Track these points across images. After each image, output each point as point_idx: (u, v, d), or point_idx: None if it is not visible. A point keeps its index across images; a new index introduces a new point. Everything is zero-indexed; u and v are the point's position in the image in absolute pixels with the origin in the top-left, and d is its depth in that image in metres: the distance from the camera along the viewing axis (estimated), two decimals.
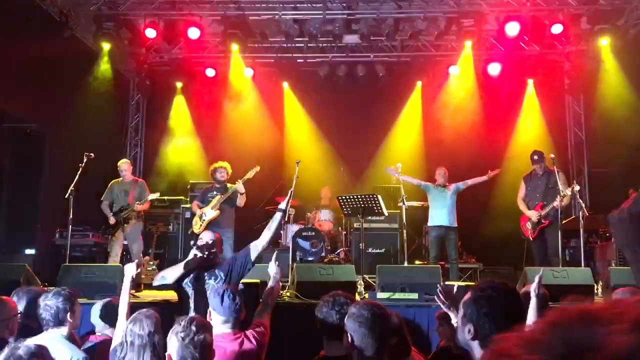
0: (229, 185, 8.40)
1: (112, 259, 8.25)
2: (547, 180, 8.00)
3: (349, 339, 2.62)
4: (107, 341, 3.91)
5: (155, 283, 4.81)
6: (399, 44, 11.39)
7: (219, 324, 3.42)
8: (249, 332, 3.59)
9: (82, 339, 4.18)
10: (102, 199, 8.48)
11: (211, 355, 2.86)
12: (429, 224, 8.70)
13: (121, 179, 8.55)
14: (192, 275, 4.48)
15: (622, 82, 10.25)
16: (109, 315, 4.13)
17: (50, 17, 9.87)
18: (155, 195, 8.60)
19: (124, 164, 8.59)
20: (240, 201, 8.32)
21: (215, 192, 8.44)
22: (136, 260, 4.97)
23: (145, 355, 3.02)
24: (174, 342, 2.77)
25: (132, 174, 8.71)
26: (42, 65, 9.70)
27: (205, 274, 4.49)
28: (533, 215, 8.08)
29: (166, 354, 2.79)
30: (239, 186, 8.11)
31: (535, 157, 8.22)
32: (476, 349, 2.04)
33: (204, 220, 8.20)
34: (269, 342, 3.84)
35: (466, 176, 10.06)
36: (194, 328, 2.75)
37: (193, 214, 8.59)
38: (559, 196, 7.57)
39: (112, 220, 8.30)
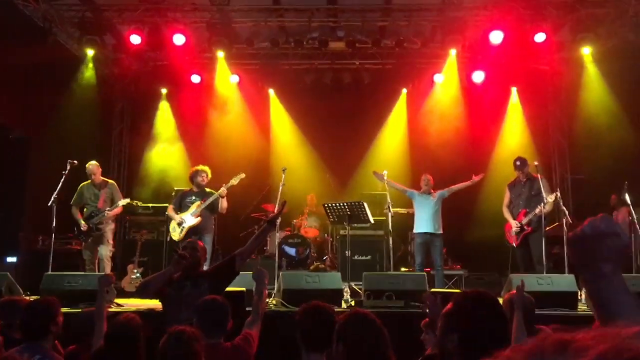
0: (207, 190, 8.21)
1: (88, 267, 8.06)
2: (530, 186, 8.07)
3: (340, 348, 2.61)
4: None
5: (138, 291, 4.79)
6: (384, 51, 11.44)
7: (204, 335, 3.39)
8: (236, 343, 3.57)
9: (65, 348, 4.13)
10: (71, 203, 8.20)
11: None
12: (415, 230, 8.72)
13: (90, 181, 8.27)
14: (175, 284, 4.44)
15: (604, 90, 10.40)
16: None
17: (33, 23, 9.79)
18: (125, 201, 8.42)
19: (93, 166, 8.27)
20: (222, 206, 8.11)
21: (194, 197, 8.18)
22: (107, 273, 4.94)
23: None
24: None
25: (101, 175, 8.42)
26: (25, 71, 9.62)
27: (189, 282, 4.45)
28: (514, 225, 8.16)
29: None
30: (222, 190, 7.94)
31: (518, 163, 8.29)
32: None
33: (183, 228, 7.98)
34: (256, 352, 3.83)
35: (451, 183, 10.11)
36: (173, 341, 2.72)
37: (170, 219, 8.33)
38: (542, 203, 7.63)
39: (84, 227, 8.06)
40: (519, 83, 11.78)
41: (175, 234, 8.04)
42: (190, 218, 7.96)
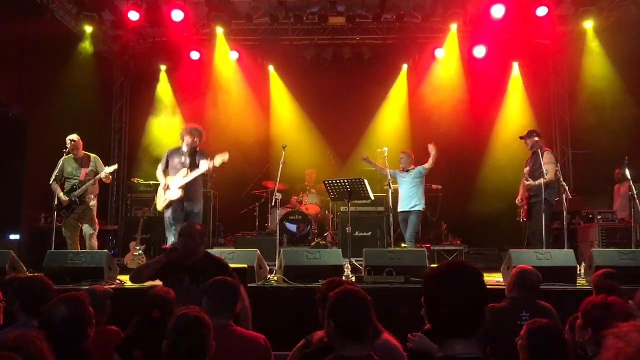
0: (199, 150, 7.23)
1: (70, 245, 7.58)
2: (535, 160, 7.96)
3: (332, 324, 2.64)
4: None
5: (131, 278, 4.67)
6: (384, 25, 11.34)
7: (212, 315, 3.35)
8: (250, 334, 3.49)
9: None
10: (52, 177, 7.64)
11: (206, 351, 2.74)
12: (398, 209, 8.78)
13: (70, 155, 7.81)
14: (173, 274, 4.41)
15: (606, 64, 10.33)
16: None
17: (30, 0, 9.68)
18: (111, 168, 7.82)
19: (75, 141, 7.76)
20: (209, 171, 7.15)
21: (183, 159, 7.20)
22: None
23: None
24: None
25: (82, 149, 7.90)
26: (23, 48, 9.55)
27: (187, 277, 4.38)
28: (517, 199, 8.18)
29: None
30: (208, 167, 6.98)
31: (525, 133, 8.17)
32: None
33: (166, 199, 7.15)
34: (257, 326, 3.87)
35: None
36: (183, 330, 2.65)
37: (161, 184, 7.35)
38: (537, 175, 7.59)
39: (64, 201, 7.59)
40: (521, 57, 11.69)
41: (160, 202, 7.27)
42: (174, 190, 7.08)
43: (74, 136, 7.85)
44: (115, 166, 8.10)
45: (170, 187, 7.11)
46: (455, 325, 1.91)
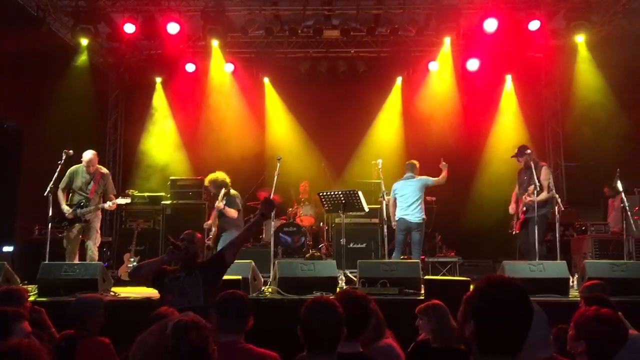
0: (222, 192, 7.79)
1: (69, 257, 7.68)
2: (530, 175, 8.04)
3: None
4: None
5: (130, 275, 4.79)
6: (379, 39, 11.44)
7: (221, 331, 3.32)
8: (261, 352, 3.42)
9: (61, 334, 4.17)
10: (60, 185, 7.76)
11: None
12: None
13: (83, 166, 7.92)
14: (171, 275, 4.47)
15: (598, 77, 10.45)
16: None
17: (27, 12, 9.74)
18: (124, 201, 8.18)
19: (91, 155, 7.92)
20: (227, 212, 7.76)
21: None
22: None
23: None
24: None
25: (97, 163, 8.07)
26: (19, 60, 9.57)
27: (184, 273, 4.48)
28: (510, 211, 8.26)
29: None
30: (220, 205, 7.72)
31: (516, 151, 8.30)
32: (474, 349, 1.96)
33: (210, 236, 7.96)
34: (251, 339, 3.87)
35: (447, 170, 10.19)
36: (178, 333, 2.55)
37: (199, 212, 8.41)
38: (535, 191, 7.66)
39: (69, 214, 7.70)
40: (514, 71, 11.82)
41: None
42: (212, 228, 7.98)
43: (93, 152, 8.00)
44: (127, 200, 8.34)
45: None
46: (507, 342, 1.90)
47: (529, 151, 8.04)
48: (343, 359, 2.66)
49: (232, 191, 7.92)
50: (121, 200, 8.11)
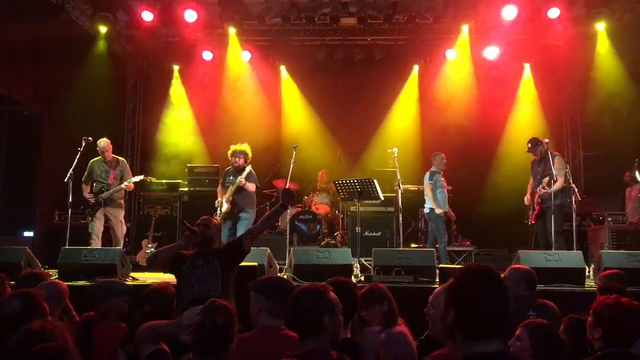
0: (247, 169, 8.01)
1: (93, 241, 7.87)
2: (544, 166, 8.00)
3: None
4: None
5: (148, 262, 4.88)
6: (396, 27, 11.37)
7: None
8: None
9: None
10: (82, 180, 8.09)
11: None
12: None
13: (100, 157, 8.19)
14: (188, 261, 4.52)
15: (618, 66, 10.29)
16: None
17: (46, 0, 9.82)
18: (139, 178, 8.44)
19: (105, 143, 8.17)
20: (248, 187, 7.98)
21: (231, 178, 8.06)
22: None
23: None
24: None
25: (112, 153, 8.32)
26: (38, 48, 9.69)
27: (201, 260, 4.51)
28: (526, 202, 8.23)
29: None
30: (239, 181, 7.85)
31: (529, 146, 8.25)
32: (457, 337, 2.05)
33: (219, 214, 7.96)
34: None
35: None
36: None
37: (215, 198, 8.25)
38: (552, 181, 7.61)
39: (91, 200, 7.97)
40: (532, 59, 11.67)
41: (217, 217, 7.88)
42: (224, 205, 7.98)
43: (105, 140, 8.20)
44: (141, 177, 8.53)
45: (222, 205, 7.99)
46: (488, 327, 2.01)
47: (544, 142, 7.99)
48: (333, 345, 2.69)
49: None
50: (137, 178, 8.31)
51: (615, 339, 2.87)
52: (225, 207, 7.94)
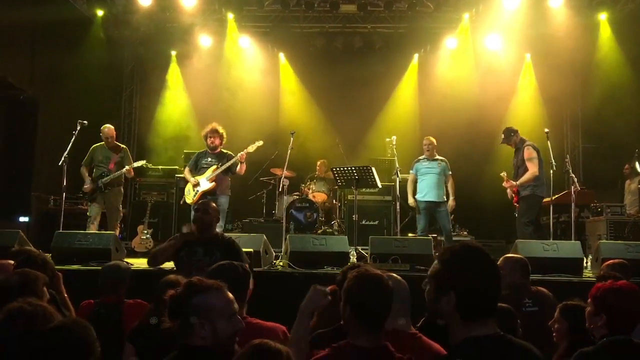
0: (224, 151, 7.81)
1: (90, 224, 7.92)
2: (518, 156, 7.93)
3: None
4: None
5: (149, 263, 4.79)
6: (396, 14, 11.28)
7: None
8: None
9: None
10: (82, 163, 8.16)
11: None
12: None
13: (103, 143, 8.24)
14: (187, 248, 4.47)
15: (619, 56, 10.23)
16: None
17: None
18: (140, 163, 8.48)
19: (109, 129, 8.22)
20: (240, 169, 7.70)
21: (210, 159, 7.74)
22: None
23: None
24: None
25: (115, 139, 8.36)
26: (34, 32, 9.59)
27: (201, 249, 4.45)
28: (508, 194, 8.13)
29: None
30: (240, 155, 7.58)
31: (502, 136, 8.11)
32: (454, 321, 1.98)
33: (197, 191, 7.62)
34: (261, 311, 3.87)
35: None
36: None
37: (185, 182, 7.97)
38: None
39: (88, 187, 8.02)
40: (533, 49, 11.58)
41: (189, 196, 7.69)
42: (205, 182, 7.60)
43: (109, 126, 8.29)
44: (143, 162, 8.62)
45: (200, 183, 7.64)
46: (488, 305, 1.98)
47: (515, 134, 7.92)
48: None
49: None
50: (138, 163, 8.35)
51: (619, 324, 2.80)
52: (208, 186, 7.58)
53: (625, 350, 2.73)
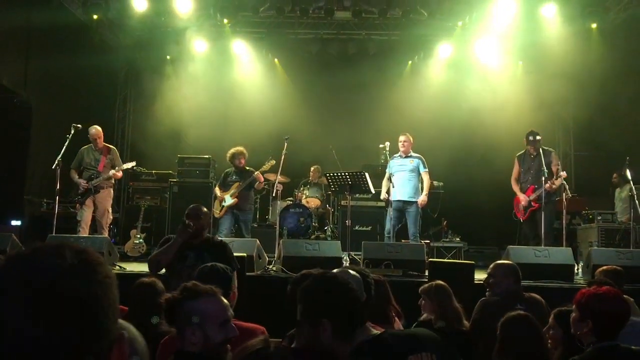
0: (247, 169, 8.56)
1: (82, 229, 7.89)
2: (540, 161, 7.91)
3: None
4: None
5: (150, 268, 4.75)
6: (390, 21, 11.35)
7: None
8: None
9: None
10: (71, 166, 8.09)
11: None
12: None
13: (91, 145, 8.19)
14: (177, 253, 4.45)
15: (610, 65, 10.29)
16: None
17: None
18: (130, 165, 8.50)
19: (95, 130, 8.16)
20: (258, 186, 8.71)
21: (234, 177, 8.56)
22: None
23: None
24: None
25: (103, 141, 8.34)
26: (29, 35, 9.58)
27: (192, 253, 4.44)
28: (522, 199, 8.08)
29: None
30: (257, 175, 8.42)
31: (530, 138, 8.07)
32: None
33: (223, 206, 8.46)
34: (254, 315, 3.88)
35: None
36: None
37: (215, 197, 8.75)
38: (553, 178, 7.59)
39: (83, 187, 7.95)
40: (526, 57, 11.68)
41: (217, 211, 8.49)
42: (229, 199, 8.42)
43: (96, 127, 8.23)
44: (132, 163, 8.61)
45: (226, 200, 8.50)
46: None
47: (539, 137, 7.97)
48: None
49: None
50: (128, 165, 8.38)
51: (606, 329, 2.82)
52: (231, 201, 8.40)
53: (614, 357, 2.76)
